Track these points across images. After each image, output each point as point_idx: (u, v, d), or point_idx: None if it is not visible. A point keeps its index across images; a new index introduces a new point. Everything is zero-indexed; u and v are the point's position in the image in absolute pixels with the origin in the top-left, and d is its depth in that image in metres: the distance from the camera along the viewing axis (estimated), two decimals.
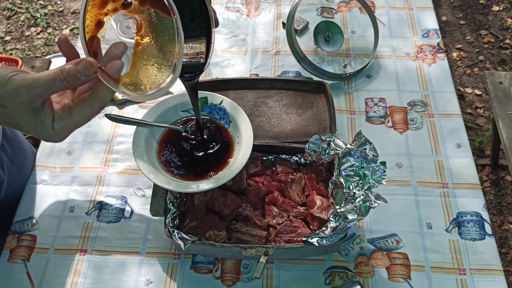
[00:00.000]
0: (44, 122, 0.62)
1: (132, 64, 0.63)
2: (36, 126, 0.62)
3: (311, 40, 1.25)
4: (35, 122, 0.62)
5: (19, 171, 1.04)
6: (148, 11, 0.62)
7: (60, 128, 0.63)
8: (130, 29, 0.64)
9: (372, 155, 0.85)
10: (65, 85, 0.61)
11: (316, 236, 0.82)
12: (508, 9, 2.68)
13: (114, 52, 0.62)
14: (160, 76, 0.62)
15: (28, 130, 0.63)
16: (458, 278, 0.90)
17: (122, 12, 0.63)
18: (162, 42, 0.62)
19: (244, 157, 0.88)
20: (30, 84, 0.59)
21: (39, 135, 0.63)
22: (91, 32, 0.63)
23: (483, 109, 2.27)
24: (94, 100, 0.62)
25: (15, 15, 2.73)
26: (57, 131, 0.63)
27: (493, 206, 1.97)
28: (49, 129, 0.63)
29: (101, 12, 0.63)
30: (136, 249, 0.94)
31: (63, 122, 0.63)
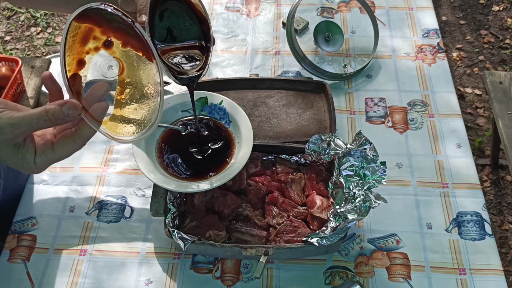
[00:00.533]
0: (25, 156, 0.63)
1: (115, 106, 0.64)
2: (17, 160, 0.63)
3: (311, 40, 1.25)
4: (17, 156, 0.63)
5: (15, 174, 1.04)
6: (130, 53, 0.63)
7: (41, 162, 0.64)
8: (113, 70, 0.63)
9: (372, 155, 0.85)
10: (48, 124, 0.62)
11: (316, 236, 0.83)
12: (508, 9, 2.68)
13: (98, 93, 0.62)
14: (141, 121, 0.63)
15: (9, 164, 0.64)
16: (458, 278, 0.90)
17: (104, 53, 0.63)
18: (144, 86, 0.63)
19: (244, 157, 0.88)
20: (15, 123, 0.61)
21: (19, 168, 0.64)
22: (73, 70, 0.63)
23: (483, 109, 2.27)
24: (78, 138, 0.63)
25: (15, 15, 2.73)
26: (38, 165, 0.64)
27: (493, 206, 1.97)
28: (31, 163, 0.64)
29: (82, 50, 0.63)
30: (136, 249, 0.94)
31: (46, 157, 0.64)
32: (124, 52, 0.63)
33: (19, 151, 0.63)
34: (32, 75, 1.77)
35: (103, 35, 0.63)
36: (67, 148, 0.64)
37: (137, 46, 0.63)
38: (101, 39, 0.63)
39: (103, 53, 0.63)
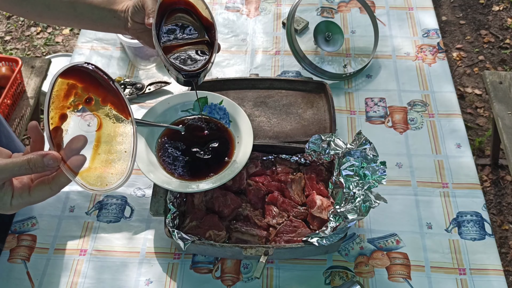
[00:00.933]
0: (3, 198, 0.65)
1: (91, 159, 0.68)
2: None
3: (311, 40, 1.25)
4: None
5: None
6: (108, 110, 0.68)
7: (17, 204, 0.67)
8: (91, 126, 0.68)
9: (372, 155, 0.85)
10: (29, 172, 0.65)
11: (316, 236, 0.83)
12: (508, 9, 2.68)
13: (76, 146, 0.65)
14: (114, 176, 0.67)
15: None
16: (458, 278, 0.90)
17: (83, 109, 0.68)
18: (119, 143, 0.68)
19: (244, 157, 0.88)
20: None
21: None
22: (55, 123, 0.67)
23: (483, 109, 2.27)
24: (54, 185, 0.66)
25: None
26: (13, 206, 0.67)
27: (493, 206, 1.97)
28: (7, 204, 0.66)
29: (64, 105, 0.67)
30: (136, 249, 0.94)
31: (22, 199, 0.66)
32: (103, 109, 0.68)
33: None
34: (32, 75, 1.77)
35: (85, 92, 0.68)
36: (43, 193, 0.67)
37: (115, 103, 0.68)
38: (83, 96, 0.68)
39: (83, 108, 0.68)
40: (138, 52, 1.20)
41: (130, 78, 1.21)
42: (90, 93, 0.69)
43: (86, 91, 0.68)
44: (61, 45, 2.59)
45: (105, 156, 0.68)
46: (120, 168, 0.67)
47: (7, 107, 1.62)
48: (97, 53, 1.27)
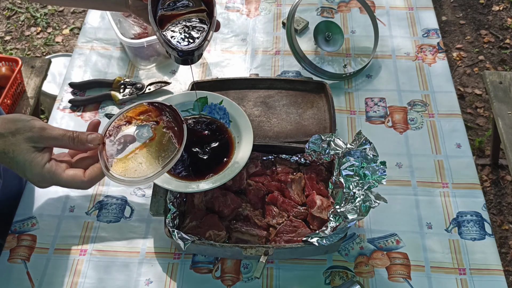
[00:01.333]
0: (37, 158, 0.71)
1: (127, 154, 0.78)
2: (28, 159, 0.71)
3: (311, 40, 1.25)
4: (30, 156, 0.71)
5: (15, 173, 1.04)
6: (165, 133, 0.81)
7: (48, 171, 0.71)
8: (145, 137, 0.80)
9: (372, 155, 0.85)
10: (71, 144, 0.74)
11: (316, 236, 0.82)
12: (508, 9, 2.68)
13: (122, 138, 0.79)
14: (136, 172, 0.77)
15: (18, 161, 0.70)
16: (458, 278, 0.90)
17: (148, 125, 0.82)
18: (158, 156, 0.79)
19: (244, 157, 0.88)
20: (45, 128, 0.72)
21: (26, 169, 0.71)
22: (118, 123, 0.81)
23: (483, 109, 2.27)
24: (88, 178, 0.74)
25: (15, 15, 2.73)
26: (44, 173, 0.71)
27: (493, 206, 1.97)
28: (39, 166, 0.71)
29: (134, 117, 0.82)
30: (136, 249, 0.94)
31: (54, 171, 0.72)
32: (162, 130, 0.81)
33: (35, 153, 0.71)
34: (32, 75, 1.77)
35: (156, 118, 0.82)
36: (75, 181, 0.73)
37: (174, 134, 0.80)
38: (153, 119, 0.82)
39: (147, 125, 0.81)
40: (138, 52, 1.20)
41: (130, 78, 1.21)
42: (160, 120, 0.82)
43: (157, 118, 0.82)
44: (61, 45, 2.59)
45: (140, 158, 0.78)
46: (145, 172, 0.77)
47: (7, 107, 1.62)
48: (97, 53, 1.27)
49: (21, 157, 0.70)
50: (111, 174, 0.75)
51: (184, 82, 1.20)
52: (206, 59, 1.25)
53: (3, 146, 0.70)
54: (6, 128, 0.70)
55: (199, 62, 1.24)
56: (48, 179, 0.72)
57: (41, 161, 0.71)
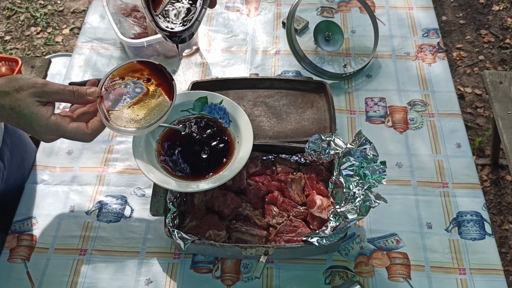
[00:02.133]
0: (41, 111, 0.75)
1: (124, 107, 0.84)
2: (32, 114, 0.75)
3: (311, 39, 1.25)
4: (35, 109, 0.75)
5: (18, 163, 1.04)
6: (157, 89, 0.86)
7: (54, 123, 0.76)
8: (139, 91, 0.86)
9: (372, 154, 0.85)
10: (71, 98, 0.79)
11: (316, 235, 0.82)
12: (508, 8, 2.68)
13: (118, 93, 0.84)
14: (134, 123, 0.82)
15: (25, 114, 0.75)
16: (458, 277, 0.90)
17: (140, 82, 0.86)
18: (153, 108, 0.84)
19: (244, 157, 0.88)
20: (48, 84, 0.77)
21: (32, 122, 0.75)
22: (113, 77, 0.85)
23: (483, 108, 2.27)
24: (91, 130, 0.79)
25: (15, 14, 2.73)
26: (50, 126, 0.76)
27: (493, 206, 1.97)
28: (44, 119, 0.75)
29: (127, 74, 0.86)
30: (136, 248, 0.94)
31: (60, 123, 0.76)
32: (154, 88, 0.86)
33: (40, 106, 0.75)
34: (32, 75, 1.76)
35: (147, 75, 0.86)
36: (79, 133, 0.78)
37: (166, 90, 0.86)
38: (145, 77, 0.86)
39: (139, 82, 0.86)
40: (138, 52, 1.20)
41: None
42: (151, 77, 0.86)
43: (149, 75, 0.86)
44: (61, 45, 2.58)
45: (137, 110, 0.83)
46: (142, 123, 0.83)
47: None
48: (97, 53, 1.27)
49: (27, 110, 0.74)
50: (112, 124, 0.80)
51: (184, 82, 1.20)
52: (206, 59, 1.25)
53: (9, 103, 0.74)
54: (10, 86, 0.75)
55: (199, 61, 1.24)
56: (54, 131, 0.77)
57: (46, 113, 0.75)
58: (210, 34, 1.31)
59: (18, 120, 0.76)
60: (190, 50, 1.27)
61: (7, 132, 1.02)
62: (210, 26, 1.32)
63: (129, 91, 0.85)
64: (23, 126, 0.77)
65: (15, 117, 0.75)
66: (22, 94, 0.75)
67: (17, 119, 0.76)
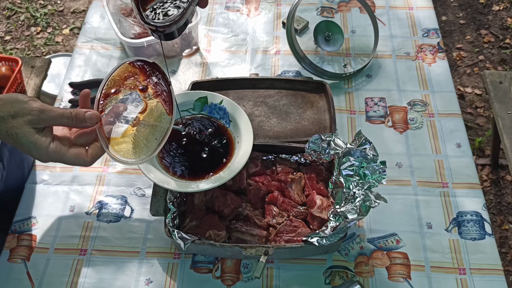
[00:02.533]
0: (41, 140, 0.73)
1: (124, 133, 0.80)
2: (30, 143, 0.73)
3: (311, 39, 1.25)
4: (33, 137, 0.73)
5: (18, 163, 1.04)
6: (156, 103, 0.81)
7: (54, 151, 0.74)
8: (137, 108, 0.81)
9: (372, 154, 0.85)
10: (69, 123, 0.76)
11: (316, 235, 0.82)
12: (508, 8, 2.68)
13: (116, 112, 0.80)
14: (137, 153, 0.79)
15: (23, 143, 0.73)
16: (458, 277, 0.90)
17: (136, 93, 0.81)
18: (153, 130, 0.80)
19: (244, 157, 0.88)
20: (44, 109, 0.74)
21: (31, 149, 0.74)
22: (106, 93, 0.81)
23: (483, 108, 2.27)
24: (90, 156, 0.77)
25: (15, 14, 2.73)
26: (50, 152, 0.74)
27: (493, 206, 1.97)
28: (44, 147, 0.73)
29: (121, 84, 0.81)
30: (136, 248, 0.94)
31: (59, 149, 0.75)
32: (152, 100, 0.81)
33: (37, 134, 0.73)
34: (32, 75, 1.76)
35: (143, 83, 0.82)
36: (79, 159, 0.76)
37: (164, 101, 0.81)
38: (140, 84, 0.82)
39: (135, 93, 0.81)
40: (138, 51, 1.20)
41: None
42: (148, 84, 0.81)
43: (145, 82, 0.82)
44: (61, 45, 2.58)
45: (137, 136, 0.80)
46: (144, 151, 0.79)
47: None
48: (97, 53, 1.27)
49: (25, 139, 0.72)
50: (113, 155, 0.78)
51: (184, 82, 1.20)
52: (206, 59, 1.25)
53: (5, 129, 0.72)
54: (5, 111, 0.72)
55: (199, 61, 1.24)
56: (54, 158, 0.75)
57: (45, 142, 0.73)
58: (210, 34, 1.31)
59: (16, 145, 0.74)
60: (190, 50, 1.27)
61: None
62: (210, 26, 1.32)
63: (127, 108, 0.81)
64: (21, 150, 0.75)
65: (12, 142, 0.74)
66: (18, 121, 0.72)
67: (15, 144, 0.74)
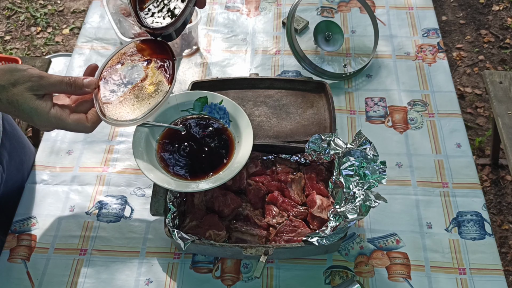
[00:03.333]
0: (41, 106, 0.75)
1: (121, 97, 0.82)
2: (31, 109, 0.74)
3: (311, 39, 1.25)
4: (34, 103, 0.74)
5: (17, 166, 1.04)
6: (156, 73, 0.83)
7: (55, 116, 0.76)
8: (137, 76, 0.83)
9: (372, 154, 0.85)
10: (68, 89, 0.78)
11: (316, 235, 0.82)
12: (508, 8, 2.68)
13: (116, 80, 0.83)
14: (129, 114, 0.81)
15: (24, 109, 0.74)
16: (458, 277, 0.90)
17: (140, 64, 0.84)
18: (149, 97, 0.82)
19: (244, 157, 0.88)
20: (43, 76, 0.75)
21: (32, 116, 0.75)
22: (111, 63, 0.84)
23: (483, 108, 2.27)
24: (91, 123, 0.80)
25: (15, 14, 2.73)
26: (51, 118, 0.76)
27: (493, 206, 1.97)
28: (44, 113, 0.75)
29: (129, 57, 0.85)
30: (136, 248, 0.94)
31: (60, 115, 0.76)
32: (153, 72, 0.83)
33: (38, 100, 0.75)
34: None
35: (147, 56, 0.84)
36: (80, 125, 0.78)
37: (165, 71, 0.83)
38: (145, 58, 0.84)
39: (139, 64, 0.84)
40: None
41: None
42: (151, 58, 0.84)
43: (150, 56, 0.84)
44: (61, 44, 2.58)
45: (133, 101, 0.82)
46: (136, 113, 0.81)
47: None
48: (97, 53, 1.27)
49: (26, 105, 0.74)
50: (107, 119, 0.79)
51: (184, 82, 1.20)
52: (206, 59, 1.25)
53: (6, 97, 0.74)
54: (5, 80, 0.74)
55: (199, 61, 1.24)
56: (54, 124, 0.77)
57: (46, 107, 0.75)
58: (210, 34, 1.31)
59: (17, 113, 0.75)
60: (190, 50, 1.27)
61: (5, 134, 1.02)
62: (210, 26, 1.32)
63: (127, 77, 0.83)
64: (23, 118, 0.76)
65: (14, 110, 0.75)
66: (18, 88, 0.74)
67: (16, 112, 0.75)
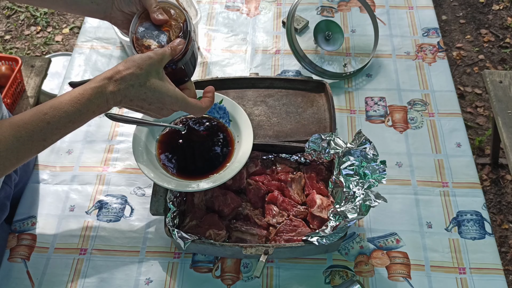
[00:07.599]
0: (165, 84, 0.77)
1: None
2: (161, 86, 0.76)
3: (311, 39, 1.25)
4: (160, 83, 0.77)
5: (25, 168, 1.04)
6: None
7: (180, 95, 0.78)
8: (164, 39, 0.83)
9: (372, 154, 0.85)
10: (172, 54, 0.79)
11: (316, 235, 0.82)
12: (508, 8, 2.68)
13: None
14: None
15: (155, 88, 0.76)
16: (458, 277, 0.90)
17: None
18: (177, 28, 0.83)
19: (244, 156, 0.88)
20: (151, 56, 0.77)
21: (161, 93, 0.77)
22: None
23: (483, 108, 2.27)
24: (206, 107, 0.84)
25: (15, 14, 2.73)
26: (178, 96, 0.78)
27: (493, 205, 1.97)
28: (171, 90, 0.77)
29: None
30: (136, 248, 0.94)
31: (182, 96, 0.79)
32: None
33: (161, 81, 0.77)
34: (32, 74, 1.76)
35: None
36: (197, 104, 0.81)
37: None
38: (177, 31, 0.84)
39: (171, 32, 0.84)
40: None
41: None
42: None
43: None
44: (61, 44, 2.58)
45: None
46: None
47: (7, 106, 1.61)
48: (97, 52, 1.26)
49: (156, 84, 0.76)
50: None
51: None
52: (206, 58, 1.25)
53: (140, 80, 0.75)
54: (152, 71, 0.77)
55: (199, 61, 1.24)
56: (179, 101, 0.78)
57: (170, 86, 0.78)
58: (210, 33, 1.31)
59: (146, 95, 0.76)
60: None
61: None
62: (210, 26, 1.32)
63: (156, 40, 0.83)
64: (150, 100, 0.76)
65: (144, 92, 0.75)
66: (146, 71, 0.75)
67: (146, 94, 0.76)
